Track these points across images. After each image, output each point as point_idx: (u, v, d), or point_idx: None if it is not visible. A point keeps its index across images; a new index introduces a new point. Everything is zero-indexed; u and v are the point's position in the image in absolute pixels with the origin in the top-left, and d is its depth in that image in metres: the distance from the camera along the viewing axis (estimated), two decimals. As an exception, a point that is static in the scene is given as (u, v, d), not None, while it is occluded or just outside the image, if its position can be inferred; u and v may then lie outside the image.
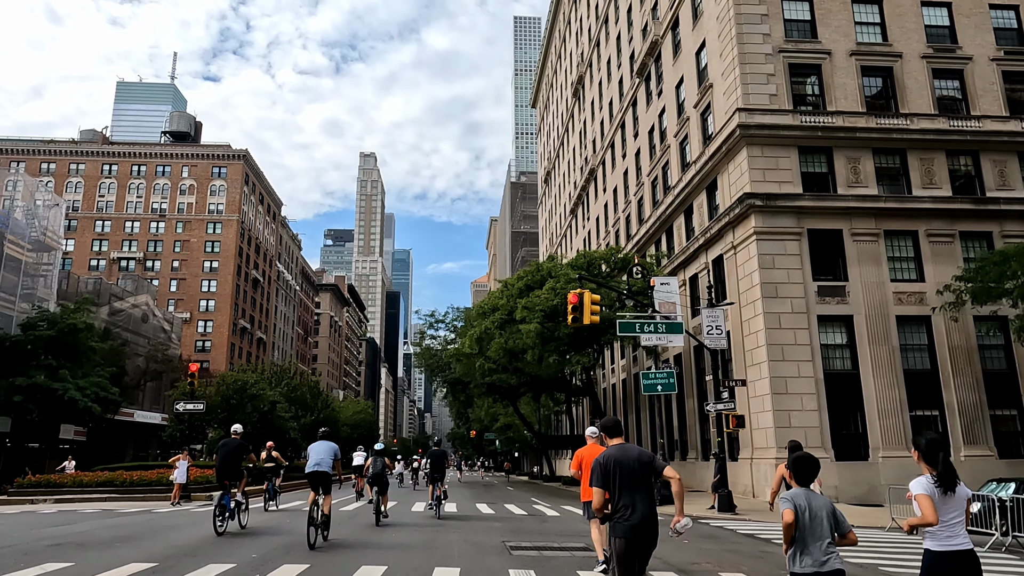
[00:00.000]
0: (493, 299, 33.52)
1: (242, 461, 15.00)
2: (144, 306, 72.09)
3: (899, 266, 27.57)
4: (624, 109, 47.48)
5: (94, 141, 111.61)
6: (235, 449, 14.65)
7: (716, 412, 21.77)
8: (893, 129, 28.16)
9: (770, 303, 26.34)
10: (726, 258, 29.60)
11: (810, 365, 25.89)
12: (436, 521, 17.42)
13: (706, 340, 22.09)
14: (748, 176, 27.55)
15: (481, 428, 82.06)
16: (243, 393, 35.25)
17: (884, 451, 25.33)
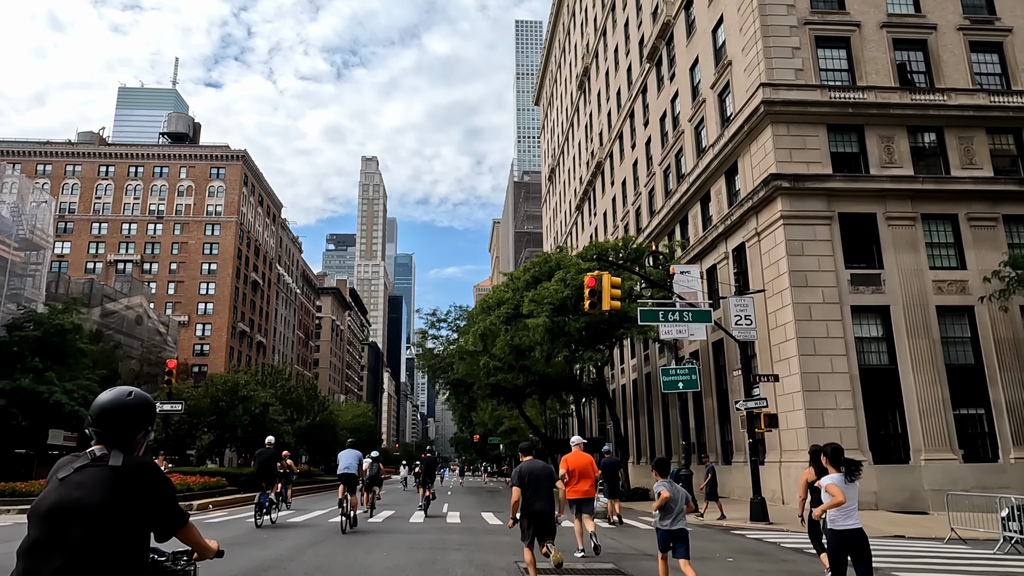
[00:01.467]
0: (498, 293, 31.43)
1: (275, 467, 18.08)
2: (138, 308, 70.08)
3: (938, 252, 25.46)
4: (633, 97, 45.48)
5: (91, 143, 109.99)
6: (270, 457, 17.94)
7: (747, 411, 19.67)
8: (929, 105, 26.09)
9: (799, 293, 24.25)
10: (749, 246, 27.52)
11: (844, 360, 23.79)
12: (436, 536, 15.39)
13: (735, 331, 20.02)
14: (773, 156, 25.49)
15: (485, 432, 79.91)
16: (234, 395, 33.25)
17: (927, 453, 23.19)
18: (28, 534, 2.68)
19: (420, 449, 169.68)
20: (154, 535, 2.90)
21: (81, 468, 2.79)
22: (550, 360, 30.64)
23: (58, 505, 2.67)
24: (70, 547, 2.60)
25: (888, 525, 19.20)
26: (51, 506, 2.68)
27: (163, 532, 2.95)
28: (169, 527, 2.96)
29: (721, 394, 30.86)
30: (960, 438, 23.63)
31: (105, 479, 2.74)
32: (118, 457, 2.82)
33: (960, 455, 23.32)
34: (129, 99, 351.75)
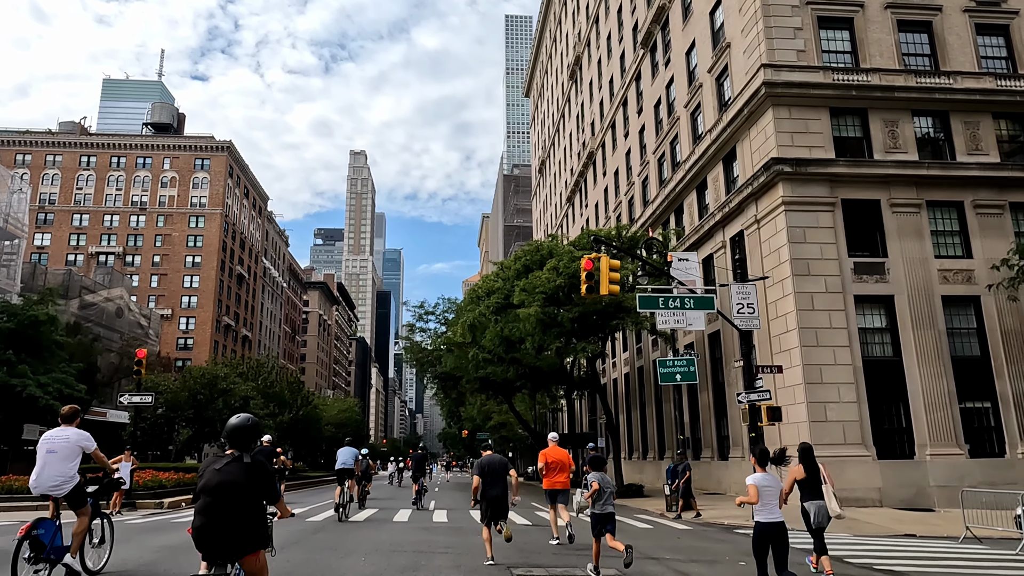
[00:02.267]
0: (488, 282, 30.32)
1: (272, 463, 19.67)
2: (119, 300, 68.37)
3: (944, 241, 24.62)
4: (626, 85, 44.45)
5: (72, 133, 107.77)
6: (268, 455, 19.45)
7: (749, 403, 18.70)
8: (935, 88, 25.21)
9: (801, 281, 23.33)
10: (748, 234, 26.58)
11: (847, 351, 22.90)
12: (421, 536, 14.31)
13: (736, 320, 19.04)
14: (775, 140, 24.54)
15: (473, 427, 78.85)
16: (213, 388, 31.95)
17: (932, 448, 22.35)
18: (201, 500, 4.85)
19: (408, 445, 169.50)
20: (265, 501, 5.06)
21: (228, 463, 4.94)
22: (542, 352, 29.61)
23: (220, 482, 4.83)
24: (228, 504, 4.78)
25: (895, 523, 18.33)
26: (216, 484, 4.83)
27: (269, 499, 5.13)
28: (271, 497, 5.15)
29: (717, 388, 29.96)
30: (966, 432, 22.81)
31: (241, 469, 4.89)
32: (246, 456, 5.00)
33: (966, 450, 22.52)
34: (114, 91, 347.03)
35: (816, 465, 10.05)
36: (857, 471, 21.73)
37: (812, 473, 9.94)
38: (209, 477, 4.94)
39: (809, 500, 9.89)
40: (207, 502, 4.88)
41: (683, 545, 14.07)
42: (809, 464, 10.00)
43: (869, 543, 14.90)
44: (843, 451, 21.91)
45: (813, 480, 9.91)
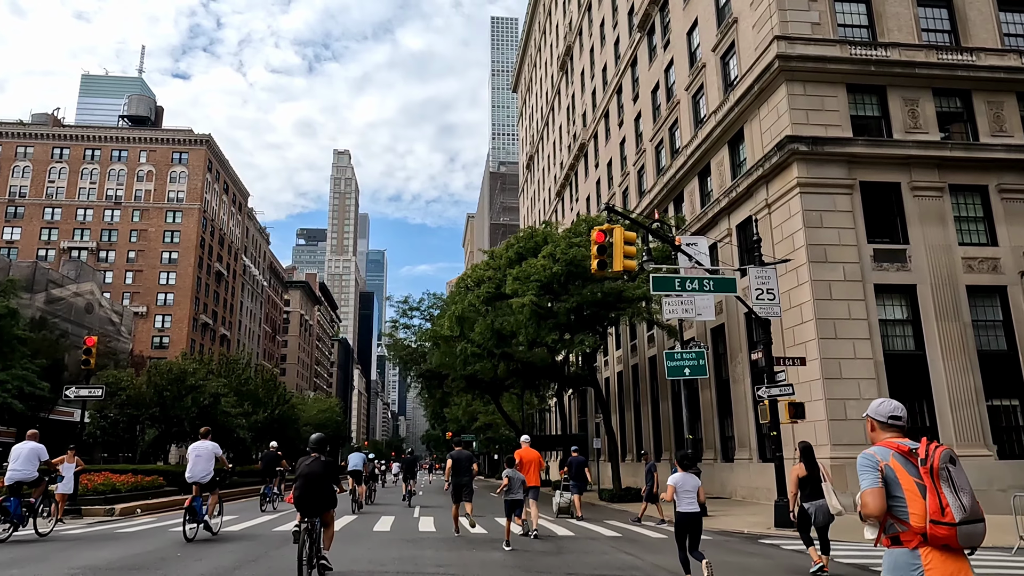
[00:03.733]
0: (478, 272, 28.29)
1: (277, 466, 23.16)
2: (89, 295, 65.61)
3: (968, 227, 23.03)
4: (621, 72, 42.72)
5: (45, 124, 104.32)
6: (273, 457, 23.18)
7: (769, 399, 16.90)
8: (958, 65, 23.64)
9: (818, 269, 21.61)
10: (757, 219, 24.78)
11: (867, 344, 21.20)
12: (406, 552, 12.31)
13: (756, 307, 17.23)
14: (788, 118, 22.82)
15: (458, 429, 76.70)
16: (180, 384, 29.63)
17: (959, 449, 20.59)
18: (299, 481, 8.53)
19: (390, 447, 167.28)
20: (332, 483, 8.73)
21: (311, 461, 8.69)
22: (534, 346, 27.72)
23: (308, 472, 8.54)
24: (313, 484, 8.46)
25: (929, 531, 16.60)
26: (307, 473, 8.52)
27: (334, 482, 8.79)
28: (335, 480, 8.82)
29: (721, 385, 28.21)
30: (994, 432, 21.20)
31: (320, 464, 8.62)
32: (322, 457, 8.79)
33: (995, 451, 20.88)
34: (92, 86, 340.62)
35: (816, 463, 10.20)
36: (880, 474, 19.99)
37: (812, 471, 10.07)
38: (302, 469, 8.70)
39: (810, 500, 10.01)
40: (302, 483, 8.57)
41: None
42: (809, 462, 10.19)
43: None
44: (864, 452, 20.16)
45: (814, 479, 10.04)
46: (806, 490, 10.05)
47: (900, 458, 3.65)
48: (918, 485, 3.54)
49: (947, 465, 3.54)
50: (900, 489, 3.57)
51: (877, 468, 3.65)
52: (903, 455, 3.66)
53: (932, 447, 3.61)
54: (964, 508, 3.42)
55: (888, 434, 3.91)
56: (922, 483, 3.52)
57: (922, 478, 3.53)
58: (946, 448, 3.61)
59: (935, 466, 3.53)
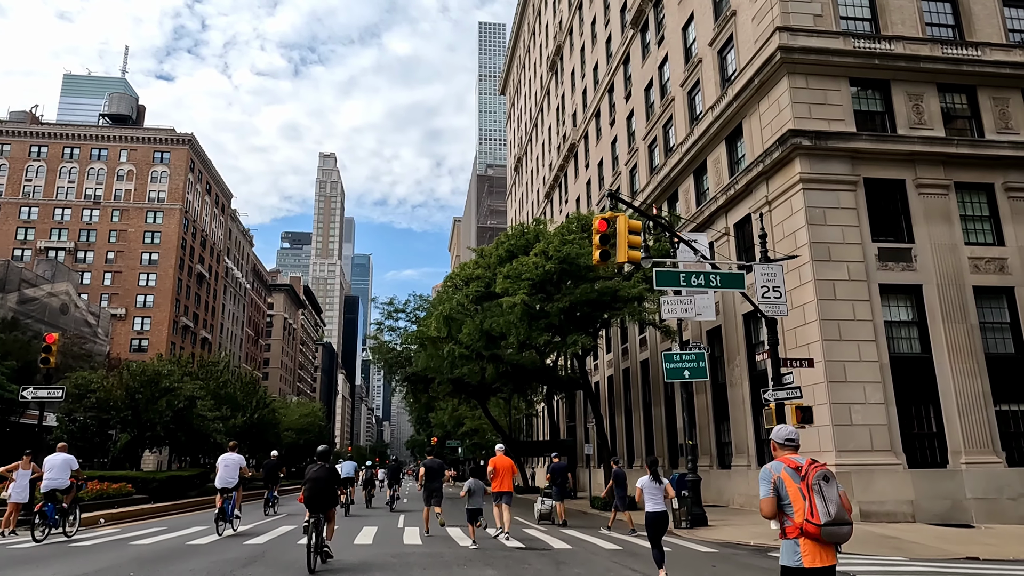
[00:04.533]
0: (467, 270, 27.21)
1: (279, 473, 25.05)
2: (64, 295, 63.76)
3: (974, 226, 22.32)
4: (613, 70, 41.93)
5: (22, 122, 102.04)
6: (275, 465, 24.89)
7: (776, 402, 15.99)
8: (963, 60, 22.97)
9: (822, 268, 20.79)
10: (764, 214, 23.98)
11: (873, 346, 20.38)
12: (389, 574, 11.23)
13: (762, 305, 16.33)
14: (790, 111, 22.02)
15: (443, 434, 75.45)
16: (154, 386, 28.24)
17: (967, 456, 19.89)
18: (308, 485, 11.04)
19: (374, 452, 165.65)
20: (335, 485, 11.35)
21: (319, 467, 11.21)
22: (524, 349, 26.68)
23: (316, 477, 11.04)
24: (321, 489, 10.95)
25: (943, 542, 15.73)
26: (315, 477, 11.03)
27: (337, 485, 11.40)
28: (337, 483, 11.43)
29: (717, 389, 27.33)
30: (1002, 438, 20.43)
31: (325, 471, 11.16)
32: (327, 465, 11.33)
33: (1004, 457, 20.11)
34: (75, 87, 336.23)
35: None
36: (887, 482, 19.18)
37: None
38: (310, 475, 11.17)
39: None
40: (311, 486, 11.00)
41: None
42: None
43: (934, 569, 12.18)
44: (870, 459, 19.35)
45: None
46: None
47: (789, 471, 4.98)
48: (800, 492, 4.86)
49: (820, 481, 4.83)
50: (787, 495, 4.92)
51: (771, 480, 5.01)
52: (792, 468, 4.99)
53: (810, 466, 4.92)
54: (830, 514, 4.73)
55: (785, 452, 5.20)
56: (803, 491, 4.85)
57: (802, 487, 4.87)
58: (823, 468, 4.91)
59: (809, 481, 4.84)
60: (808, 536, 4.83)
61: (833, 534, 4.81)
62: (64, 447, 15.52)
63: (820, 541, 4.82)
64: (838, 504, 4.80)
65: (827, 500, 4.77)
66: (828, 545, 4.86)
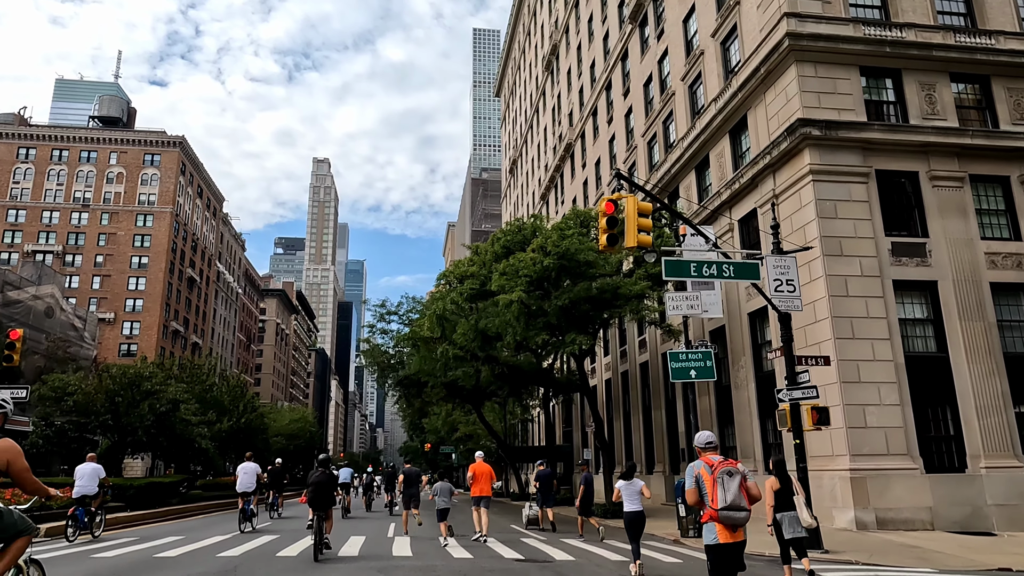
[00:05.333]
0: (461, 268, 26.15)
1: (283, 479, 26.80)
2: (49, 298, 62.48)
3: (990, 220, 21.44)
4: (610, 67, 41.07)
5: (10, 123, 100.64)
6: (279, 472, 26.28)
7: (791, 403, 14.99)
8: (977, 49, 22.14)
9: (833, 263, 19.85)
10: (762, 213, 23.08)
11: (887, 345, 19.44)
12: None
13: (775, 299, 15.35)
14: (799, 101, 21.12)
15: (437, 440, 74.17)
16: (135, 389, 27.03)
17: (986, 460, 18.94)
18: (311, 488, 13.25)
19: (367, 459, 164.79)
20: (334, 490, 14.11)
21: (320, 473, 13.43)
22: (521, 349, 25.64)
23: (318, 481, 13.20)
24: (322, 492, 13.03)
25: (968, 552, 14.74)
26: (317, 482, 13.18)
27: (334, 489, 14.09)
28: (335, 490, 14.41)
29: (721, 391, 26.34)
30: (1023, 442, 19.48)
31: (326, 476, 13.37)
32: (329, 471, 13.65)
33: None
34: (67, 92, 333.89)
35: (788, 477, 10.43)
36: (903, 487, 18.19)
37: (785, 485, 10.29)
38: (313, 479, 13.17)
39: (781, 512, 10.21)
40: (314, 489, 12.91)
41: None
42: (782, 475, 10.40)
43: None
44: (886, 463, 18.38)
45: (786, 491, 10.27)
46: (779, 502, 10.24)
47: (706, 467, 6.37)
48: (712, 484, 6.23)
49: (723, 476, 6.22)
50: (705, 487, 6.29)
51: (694, 475, 6.39)
52: (709, 466, 6.36)
53: (719, 463, 6.30)
54: (726, 501, 6.11)
55: (707, 453, 6.54)
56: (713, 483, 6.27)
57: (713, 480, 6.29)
58: (729, 465, 6.31)
59: (715, 476, 6.24)
60: (715, 519, 6.15)
61: (729, 517, 6.10)
62: (93, 457, 17.64)
63: (723, 523, 6.12)
64: (736, 493, 6.11)
65: (727, 490, 6.10)
66: (735, 528, 6.13)
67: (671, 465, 30.99)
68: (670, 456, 31.01)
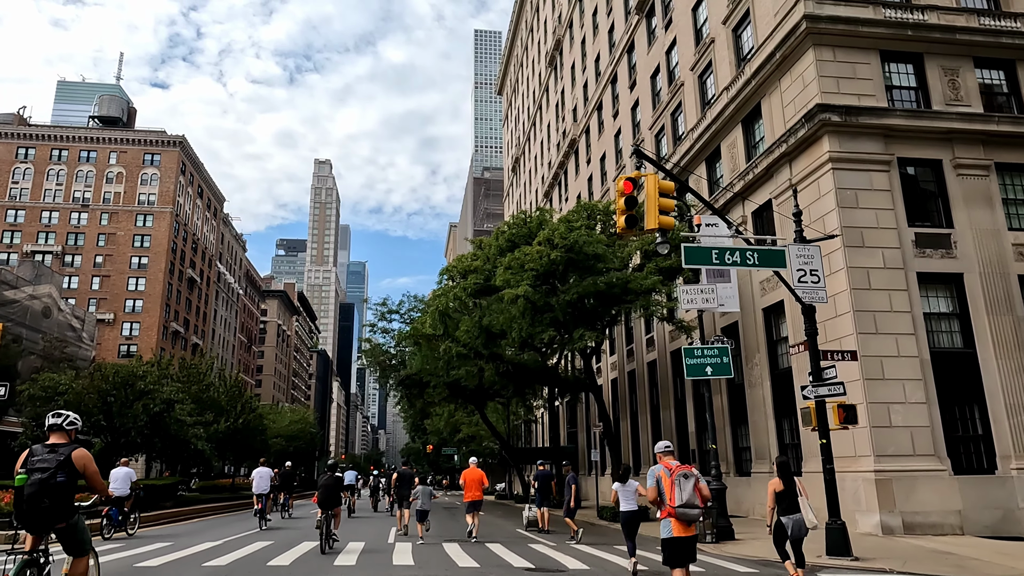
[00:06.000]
0: (464, 262, 25.24)
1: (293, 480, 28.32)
2: (46, 298, 61.71)
3: (1017, 211, 20.54)
4: (616, 60, 40.22)
5: (8, 123, 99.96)
6: (289, 474, 27.34)
7: (817, 399, 14.10)
8: (1002, 32, 21.25)
9: (855, 255, 18.96)
10: (778, 205, 22.20)
11: (912, 340, 18.54)
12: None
13: (798, 290, 14.46)
14: (817, 86, 20.23)
15: (439, 442, 73.34)
16: (129, 389, 26.16)
17: (1017, 461, 18.04)
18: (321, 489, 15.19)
19: (368, 460, 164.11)
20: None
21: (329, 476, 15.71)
22: (527, 346, 24.73)
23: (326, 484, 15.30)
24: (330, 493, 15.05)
25: (1007, 559, 13.81)
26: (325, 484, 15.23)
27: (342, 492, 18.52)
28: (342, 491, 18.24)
29: (734, 391, 25.45)
30: (1055, 441, 18.55)
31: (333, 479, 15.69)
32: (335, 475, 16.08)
33: (1058, 463, 18.23)
34: (68, 94, 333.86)
35: (792, 479, 10.34)
36: (930, 490, 17.28)
37: (789, 486, 10.19)
38: (322, 482, 15.27)
39: (786, 514, 10.12)
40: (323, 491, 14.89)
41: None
42: (785, 476, 10.29)
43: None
44: (912, 463, 17.47)
45: (790, 493, 10.14)
46: (783, 504, 10.07)
47: (666, 471, 7.61)
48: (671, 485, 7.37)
49: (680, 478, 7.39)
50: (663, 488, 7.43)
51: (655, 476, 7.59)
52: (667, 469, 7.63)
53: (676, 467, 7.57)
54: (682, 500, 7.23)
55: (666, 458, 7.90)
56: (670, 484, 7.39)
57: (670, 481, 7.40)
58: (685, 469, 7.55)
59: (672, 478, 7.38)
60: (672, 515, 7.15)
61: (684, 514, 7.14)
62: (126, 462, 20.15)
63: (679, 519, 7.16)
64: (691, 493, 7.15)
65: (683, 491, 7.11)
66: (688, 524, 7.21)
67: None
68: (680, 457, 30.11)
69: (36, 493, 6.01)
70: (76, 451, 6.24)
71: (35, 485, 6.03)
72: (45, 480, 6.03)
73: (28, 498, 6.03)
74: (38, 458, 6.14)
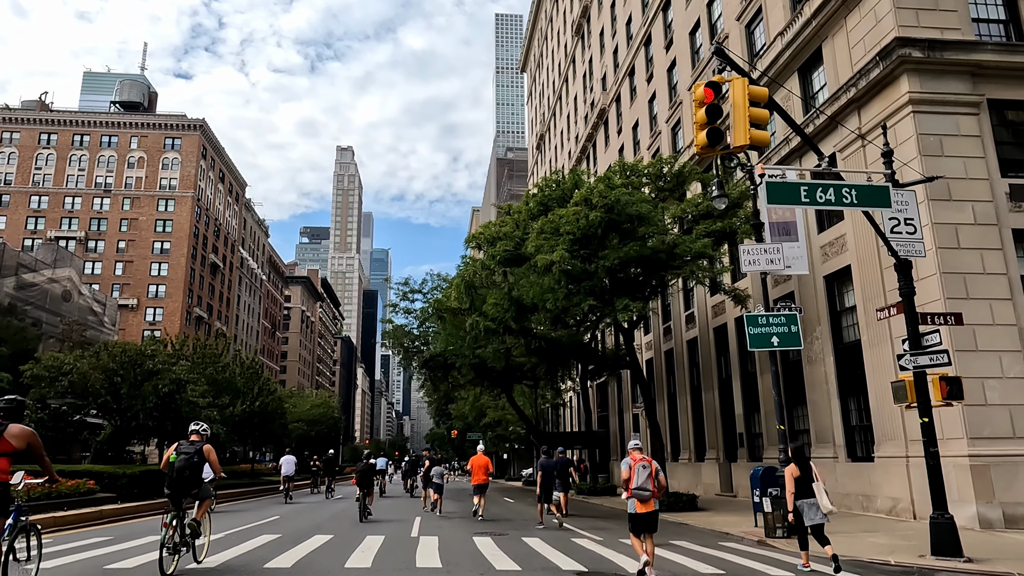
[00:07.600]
0: (492, 229, 23.03)
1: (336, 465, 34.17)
2: (66, 282, 60.81)
3: None
4: (650, 20, 37.66)
5: (31, 109, 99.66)
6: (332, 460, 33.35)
7: (917, 371, 11.84)
8: (1107, -46, 18.52)
9: (941, 209, 16.55)
10: (843, 159, 19.77)
11: (1008, 306, 16.14)
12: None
13: (893, 242, 12.17)
14: (893, 18, 17.73)
15: (464, 427, 71.66)
16: (137, 368, 24.59)
17: None
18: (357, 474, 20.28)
19: (393, 446, 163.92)
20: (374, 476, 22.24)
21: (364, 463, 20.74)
22: (559, 322, 22.61)
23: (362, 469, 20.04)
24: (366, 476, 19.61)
25: None
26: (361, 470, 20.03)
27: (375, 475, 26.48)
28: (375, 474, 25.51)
29: (789, 367, 23.09)
30: None
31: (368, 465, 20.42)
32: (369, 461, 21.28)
33: None
34: (95, 84, 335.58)
35: (809, 464, 10.26)
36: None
37: (805, 472, 10.13)
38: (359, 468, 20.35)
39: (801, 499, 10.02)
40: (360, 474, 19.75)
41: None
42: (801, 462, 10.25)
43: None
44: (1012, 447, 15.13)
45: (806, 478, 10.08)
46: (799, 489, 10.05)
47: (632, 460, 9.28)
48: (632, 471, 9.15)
49: (639, 468, 9.16)
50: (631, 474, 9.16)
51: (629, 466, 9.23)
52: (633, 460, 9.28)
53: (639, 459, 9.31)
54: (638, 484, 9.08)
55: (634, 452, 9.46)
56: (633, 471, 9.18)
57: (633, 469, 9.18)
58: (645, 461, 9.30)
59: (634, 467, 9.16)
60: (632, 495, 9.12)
61: (639, 494, 9.07)
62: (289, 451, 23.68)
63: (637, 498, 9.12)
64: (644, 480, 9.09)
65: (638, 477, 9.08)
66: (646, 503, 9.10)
67: (726, 452, 27.89)
68: (725, 442, 27.91)
69: (181, 467, 9.51)
70: (206, 446, 9.83)
71: (181, 462, 9.54)
72: (188, 458, 9.57)
73: (177, 471, 9.50)
74: (184, 447, 9.65)
